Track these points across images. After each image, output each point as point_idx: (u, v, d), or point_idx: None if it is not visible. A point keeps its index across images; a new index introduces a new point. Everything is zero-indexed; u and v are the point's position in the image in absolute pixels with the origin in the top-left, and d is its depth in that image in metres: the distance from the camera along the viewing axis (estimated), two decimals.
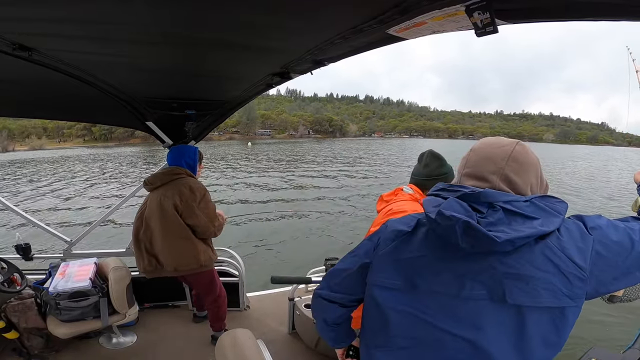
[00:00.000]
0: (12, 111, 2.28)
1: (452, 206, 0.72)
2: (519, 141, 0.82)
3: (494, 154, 0.80)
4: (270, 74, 1.48)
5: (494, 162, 0.79)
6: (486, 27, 0.66)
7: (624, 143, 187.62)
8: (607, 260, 0.70)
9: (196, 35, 1.01)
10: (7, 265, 2.28)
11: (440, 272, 0.75)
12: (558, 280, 0.67)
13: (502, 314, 0.70)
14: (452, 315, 0.73)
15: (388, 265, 0.81)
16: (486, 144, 0.83)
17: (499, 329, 0.70)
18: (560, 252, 0.69)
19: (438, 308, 0.75)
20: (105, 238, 7.71)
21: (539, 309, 0.68)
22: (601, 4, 0.60)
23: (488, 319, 0.70)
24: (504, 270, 0.69)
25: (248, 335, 1.35)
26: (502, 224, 0.69)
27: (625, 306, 4.72)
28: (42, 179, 19.46)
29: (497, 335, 0.70)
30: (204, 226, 2.11)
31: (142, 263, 2.16)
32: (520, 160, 0.79)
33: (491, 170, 0.78)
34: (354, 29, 0.88)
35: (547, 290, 0.67)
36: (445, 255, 0.75)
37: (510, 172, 0.77)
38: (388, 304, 0.80)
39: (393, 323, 0.79)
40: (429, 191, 0.88)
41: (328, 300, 0.95)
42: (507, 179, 0.77)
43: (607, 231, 0.73)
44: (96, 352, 2.33)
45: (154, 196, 2.10)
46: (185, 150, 2.27)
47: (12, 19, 0.87)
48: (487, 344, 0.70)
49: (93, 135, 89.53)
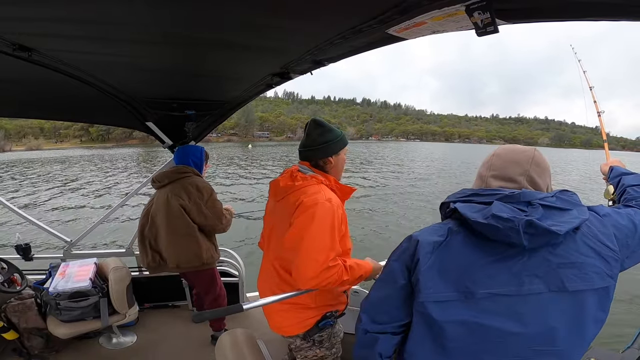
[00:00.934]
0: (12, 111, 2.28)
1: (502, 209, 0.76)
2: (536, 148, 0.90)
3: (519, 158, 0.87)
4: (270, 74, 1.48)
5: (520, 165, 0.86)
6: (486, 27, 0.66)
7: (618, 147, 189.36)
8: (621, 241, 0.79)
9: (196, 35, 1.01)
10: (7, 266, 2.28)
11: (495, 274, 0.75)
12: (601, 264, 0.75)
13: (562, 303, 0.74)
14: (515, 315, 0.74)
15: (434, 279, 0.79)
16: (510, 150, 0.90)
17: (562, 318, 0.74)
18: (594, 238, 0.77)
19: (500, 310, 0.75)
20: (105, 238, 7.71)
21: (593, 291, 0.74)
22: (601, 4, 0.60)
23: (551, 310, 0.74)
24: (558, 262, 0.74)
25: (248, 335, 1.35)
26: (546, 218, 0.74)
27: (626, 306, 4.73)
28: (42, 179, 19.45)
29: (561, 325, 0.74)
30: (212, 224, 2.16)
31: (145, 259, 2.18)
32: (541, 164, 0.87)
33: (518, 172, 0.85)
34: (354, 29, 0.88)
35: (596, 274, 0.74)
36: (495, 257, 0.76)
37: (534, 174, 0.85)
38: (444, 318, 0.77)
39: (450, 336, 0.77)
40: (451, 197, 0.88)
41: (379, 332, 0.89)
42: (531, 180, 0.85)
43: (615, 217, 0.84)
44: (96, 352, 2.33)
45: (161, 194, 2.13)
46: (192, 150, 2.30)
47: (12, 19, 0.87)
48: (552, 336, 0.74)
49: (90, 136, 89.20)
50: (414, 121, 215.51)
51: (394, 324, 0.88)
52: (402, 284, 0.84)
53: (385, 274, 0.91)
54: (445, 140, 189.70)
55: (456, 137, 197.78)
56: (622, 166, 1.24)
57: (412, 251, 0.83)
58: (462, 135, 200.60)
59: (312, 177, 1.31)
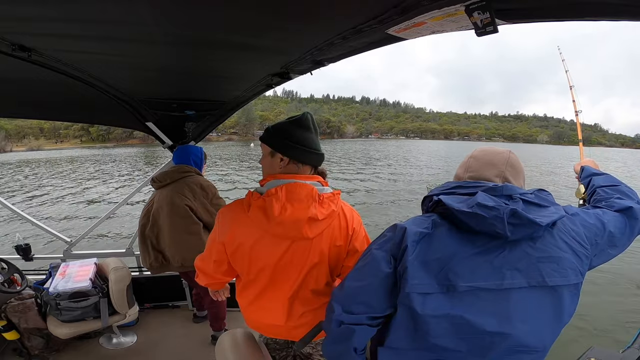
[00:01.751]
0: (12, 111, 2.28)
1: (486, 198, 0.78)
2: (510, 150, 0.94)
3: (494, 159, 0.90)
4: (270, 74, 1.48)
5: (495, 167, 0.89)
6: (486, 27, 0.66)
7: (617, 144, 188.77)
8: (590, 239, 0.83)
9: (196, 35, 1.01)
10: (8, 266, 2.28)
11: (476, 267, 0.76)
12: (575, 259, 0.78)
13: (542, 299, 0.75)
14: (499, 313, 0.74)
15: (418, 269, 0.77)
16: (485, 152, 0.93)
17: (545, 315, 0.76)
18: (569, 235, 0.80)
19: (484, 307, 0.74)
20: (105, 238, 7.72)
21: (568, 286, 0.76)
22: (601, 4, 0.60)
23: (534, 308, 0.75)
24: (538, 255, 0.75)
25: (248, 335, 1.35)
26: (526, 212, 0.75)
27: (625, 307, 4.72)
28: (42, 179, 19.45)
29: (544, 323, 0.76)
30: None
31: (148, 259, 2.17)
32: (515, 165, 0.91)
33: (494, 174, 0.88)
34: (354, 29, 0.88)
35: (571, 269, 0.76)
36: (477, 250, 0.77)
37: (509, 175, 0.88)
38: (428, 312, 0.74)
39: (434, 332, 0.75)
40: (434, 190, 0.90)
41: (355, 324, 0.82)
42: (506, 181, 0.87)
43: (583, 216, 0.88)
44: (96, 352, 2.33)
45: (163, 193, 2.12)
46: (192, 150, 2.30)
47: (12, 19, 0.87)
48: (538, 335, 0.75)
49: (90, 136, 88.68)
50: (413, 119, 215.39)
51: (370, 315, 0.82)
52: (386, 273, 0.80)
53: (366, 263, 0.85)
54: (445, 138, 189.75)
55: (455, 135, 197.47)
56: (594, 167, 1.26)
57: (398, 239, 0.81)
58: (462, 133, 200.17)
59: (332, 194, 1.15)
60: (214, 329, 2.44)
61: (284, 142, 1.10)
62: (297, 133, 1.11)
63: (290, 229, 1.05)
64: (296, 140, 1.10)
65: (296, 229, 1.05)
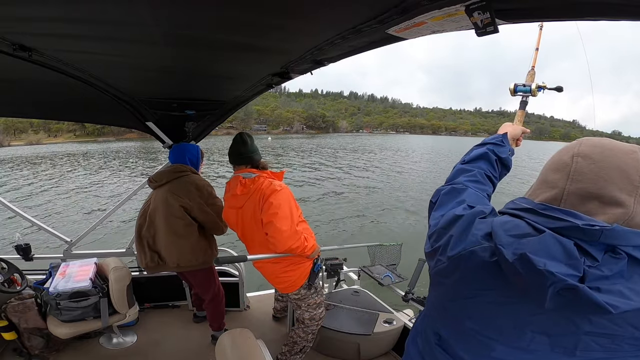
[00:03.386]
0: (12, 111, 2.28)
1: (548, 248, 0.51)
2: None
3: (625, 163, 0.54)
4: (270, 74, 1.48)
5: (627, 176, 0.53)
6: (486, 27, 0.66)
7: None
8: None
9: (196, 35, 1.01)
10: (8, 266, 2.28)
11: (492, 317, 0.59)
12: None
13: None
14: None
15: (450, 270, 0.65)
16: (607, 149, 0.57)
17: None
18: None
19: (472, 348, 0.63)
20: (105, 238, 7.72)
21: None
22: (601, 4, 0.60)
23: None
24: (589, 330, 0.52)
25: (248, 335, 1.35)
26: (620, 278, 0.49)
27: None
28: (41, 177, 19.44)
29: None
30: (213, 221, 2.16)
31: (144, 259, 2.18)
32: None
33: (627, 189, 0.53)
34: (354, 29, 0.88)
35: (632, 345, 0.53)
36: (503, 299, 0.58)
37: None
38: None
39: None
40: (504, 207, 0.68)
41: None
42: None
43: None
44: (96, 352, 2.33)
45: (159, 193, 2.12)
46: (188, 148, 2.30)
47: (12, 19, 0.87)
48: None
49: (86, 130, 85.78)
50: (401, 114, 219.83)
51: None
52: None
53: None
54: (433, 133, 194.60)
55: (443, 130, 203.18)
56: (511, 131, 1.07)
57: (468, 223, 0.65)
58: (449, 128, 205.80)
59: (258, 177, 1.77)
60: (213, 329, 2.44)
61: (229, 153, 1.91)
62: (230, 147, 1.87)
63: (233, 202, 1.85)
64: (230, 152, 1.89)
65: (234, 201, 1.83)
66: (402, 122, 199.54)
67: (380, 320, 2.34)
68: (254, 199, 1.73)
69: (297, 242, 1.66)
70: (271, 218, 1.64)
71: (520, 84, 1.22)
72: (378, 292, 2.75)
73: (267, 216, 1.66)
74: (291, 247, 1.66)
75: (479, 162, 0.93)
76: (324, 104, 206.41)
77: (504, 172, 0.99)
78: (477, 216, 0.65)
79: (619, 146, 0.57)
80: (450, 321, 0.69)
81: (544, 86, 1.19)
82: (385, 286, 2.51)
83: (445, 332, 0.70)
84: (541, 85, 1.19)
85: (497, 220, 0.61)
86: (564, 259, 0.50)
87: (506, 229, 0.57)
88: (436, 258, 0.69)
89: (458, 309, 0.66)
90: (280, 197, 1.68)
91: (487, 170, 0.91)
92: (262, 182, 1.74)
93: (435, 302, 0.75)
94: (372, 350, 2.31)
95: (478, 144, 1.02)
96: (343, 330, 2.25)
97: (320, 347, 2.35)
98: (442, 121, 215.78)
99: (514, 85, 1.22)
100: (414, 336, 0.83)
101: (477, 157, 0.95)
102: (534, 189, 0.65)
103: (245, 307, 2.93)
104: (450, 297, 0.67)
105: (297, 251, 1.69)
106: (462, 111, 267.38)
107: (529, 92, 1.20)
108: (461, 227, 0.65)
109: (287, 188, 1.75)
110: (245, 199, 1.77)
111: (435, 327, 0.73)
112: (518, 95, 1.23)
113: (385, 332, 2.27)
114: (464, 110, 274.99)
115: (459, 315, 0.66)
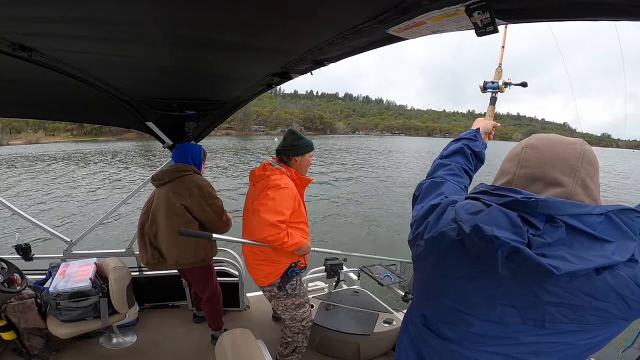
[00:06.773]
0: (12, 111, 2.28)
1: (496, 219, 0.59)
2: (583, 140, 0.67)
3: (565, 152, 0.64)
4: (270, 74, 1.48)
5: (566, 162, 0.63)
6: (486, 27, 0.66)
7: None
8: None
9: (196, 35, 1.01)
10: (7, 266, 2.28)
11: (466, 293, 0.67)
12: (616, 308, 0.56)
13: (535, 336, 0.62)
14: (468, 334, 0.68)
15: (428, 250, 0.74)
16: (550, 140, 0.67)
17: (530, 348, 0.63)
18: (632, 282, 0.54)
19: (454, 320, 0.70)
20: (105, 238, 7.72)
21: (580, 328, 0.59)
22: (601, 4, 0.60)
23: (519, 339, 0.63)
24: (549, 300, 0.57)
25: (248, 335, 1.35)
26: (561, 245, 0.56)
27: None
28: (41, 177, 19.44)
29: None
30: (213, 221, 2.18)
31: (145, 256, 2.19)
32: (593, 162, 0.65)
33: (566, 172, 0.62)
34: (354, 29, 0.88)
35: (596, 317, 0.57)
36: (474, 272, 0.65)
37: (585, 176, 0.63)
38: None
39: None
40: (469, 193, 0.75)
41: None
42: (584, 183, 0.62)
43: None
44: (96, 352, 2.33)
45: (161, 191, 2.14)
46: (190, 148, 2.31)
47: (12, 19, 0.87)
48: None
49: (84, 130, 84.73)
50: (396, 116, 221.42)
51: None
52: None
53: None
54: (428, 135, 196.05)
55: (437, 132, 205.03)
56: (478, 127, 1.15)
57: (442, 210, 0.74)
58: (443, 130, 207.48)
59: (277, 169, 1.82)
60: (212, 329, 2.44)
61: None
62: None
63: (250, 179, 1.94)
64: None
65: (250, 179, 1.93)
66: (397, 124, 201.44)
67: (380, 321, 2.34)
68: (260, 186, 1.79)
69: (275, 236, 1.66)
70: (259, 207, 1.69)
71: (489, 81, 1.28)
72: (378, 292, 2.75)
73: (258, 204, 1.71)
74: (266, 237, 1.66)
75: (456, 156, 1.03)
76: (319, 105, 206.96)
77: (479, 165, 1.08)
78: (450, 204, 0.75)
79: (563, 139, 0.67)
80: (432, 301, 0.76)
81: (510, 82, 1.26)
82: (385, 286, 2.51)
83: (429, 312, 0.77)
84: (507, 82, 1.26)
85: (459, 204, 0.71)
86: (509, 227, 0.58)
87: (466, 209, 0.67)
88: (416, 243, 0.77)
89: (437, 288, 0.73)
90: (279, 193, 1.71)
91: (464, 164, 1.01)
92: (274, 175, 1.78)
93: (418, 285, 0.82)
94: (372, 350, 2.31)
95: (454, 139, 1.10)
96: (343, 330, 2.25)
97: (320, 347, 2.35)
98: (436, 123, 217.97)
99: (484, 82, 1.29)
100: (406, 324, 0.89)
101: (454, 151, 1.04)
102: (496, 178, 0.74)
103: (245, 307, 2.93)
104: (430, 278, 0.75)
105: (275, 244, 1.69)
106: (456, 113, 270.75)
107: (497, 89, 1.27)
108: (437, 214, 0.75)
109: (292, 189, 1.76)
110: (256, 180, 1.87)
111: (420, 309, 0.80)
112: (488, 92, 1.29)
113: (385, 332, 2.28)
114: (458, 112, 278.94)
115: (439, 294, 0.73)
